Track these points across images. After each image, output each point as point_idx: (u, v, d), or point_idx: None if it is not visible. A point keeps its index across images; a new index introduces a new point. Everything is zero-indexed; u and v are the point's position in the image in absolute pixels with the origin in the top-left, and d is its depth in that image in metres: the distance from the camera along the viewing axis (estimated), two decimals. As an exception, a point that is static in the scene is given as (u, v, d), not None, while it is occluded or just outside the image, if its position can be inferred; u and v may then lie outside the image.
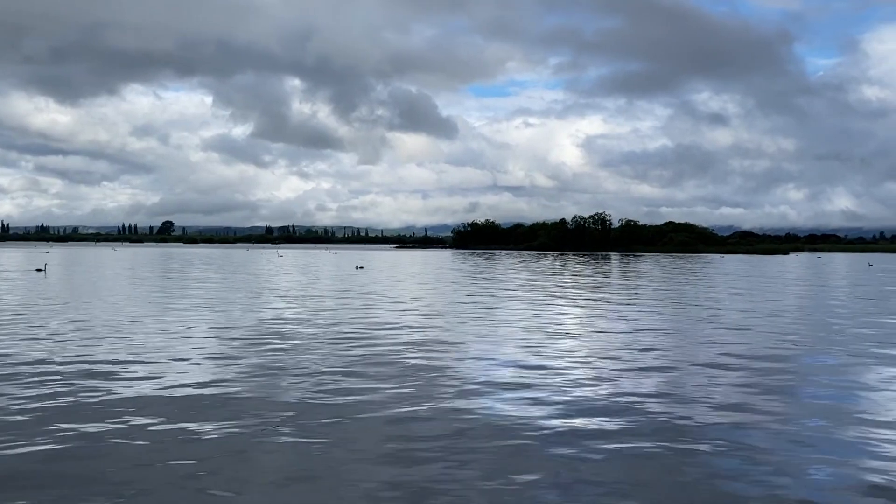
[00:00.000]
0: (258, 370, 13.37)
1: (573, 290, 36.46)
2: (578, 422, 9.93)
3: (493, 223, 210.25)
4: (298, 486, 7.44)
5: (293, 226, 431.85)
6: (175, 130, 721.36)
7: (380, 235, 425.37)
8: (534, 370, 13.66)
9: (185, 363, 14.05)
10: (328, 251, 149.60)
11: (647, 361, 14.80)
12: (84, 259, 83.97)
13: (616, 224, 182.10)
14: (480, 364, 14.39)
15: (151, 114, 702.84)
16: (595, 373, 13.51)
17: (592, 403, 11.01)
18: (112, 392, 11.38)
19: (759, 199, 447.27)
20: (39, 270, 51.62)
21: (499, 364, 14.39)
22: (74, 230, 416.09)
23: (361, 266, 66.38)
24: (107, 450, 8.50)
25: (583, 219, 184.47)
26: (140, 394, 11.30)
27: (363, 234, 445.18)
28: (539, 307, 27.03)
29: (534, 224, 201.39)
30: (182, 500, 7.04)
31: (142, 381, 12.22)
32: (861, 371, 13.98)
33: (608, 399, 11.32)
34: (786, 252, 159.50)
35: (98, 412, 10.11)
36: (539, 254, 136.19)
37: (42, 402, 10.62)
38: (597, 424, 9.80)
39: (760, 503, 7.09)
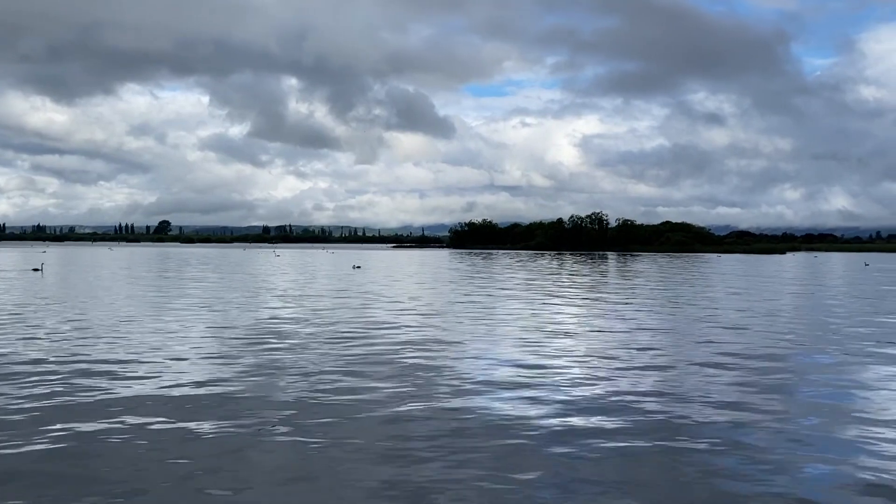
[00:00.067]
0: (256, 369, 13.37)
1: (570, 290, 36.49)
2: (576, 421, 9.94)
3: (491, 223, 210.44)
4: (296, 486, 7.44)
5: (290, 225, 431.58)
6: (172, 130, 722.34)
7: (377, 235, 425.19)
8: (531, 369, 13.67)
9: (183, 363, 14.03)
10: (325, 251, 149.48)
11: (645, 360, 14.82)
12: (81, 259, 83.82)
13: (613, 224, 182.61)
14: (478, 363, 14.39)
15: (148, 113, 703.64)
16: (592, 372, 13.53)
17: (590, 402, 11.03)
18: (109, 391, 11.37)
19: (756, 199, 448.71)
20: (36, 270, 51.53)
21: (496, 363, 14.39)
22: (71, 230, 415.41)
23: (359, 266, 66.36)
24: (104, 449, 8.50)
25: (580, 218, 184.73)
26: (137, 393, 11.29)
27: (360, 234, 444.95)
28: (536, 306, 27.05)
29: (531, 224, 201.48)
30: (180, 500, 7.04)
31: (139, 381, 12.21)
32: (858, 370, 14.01)
33: (606, 398, 11.33)
34: (782, 252, 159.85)
35: (95, 411, 10.10)
36: (536, 253, 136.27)
37: (39, 402, 10.61)
38: (594, 423, 9.81)
39: (758, 501, 7.10)
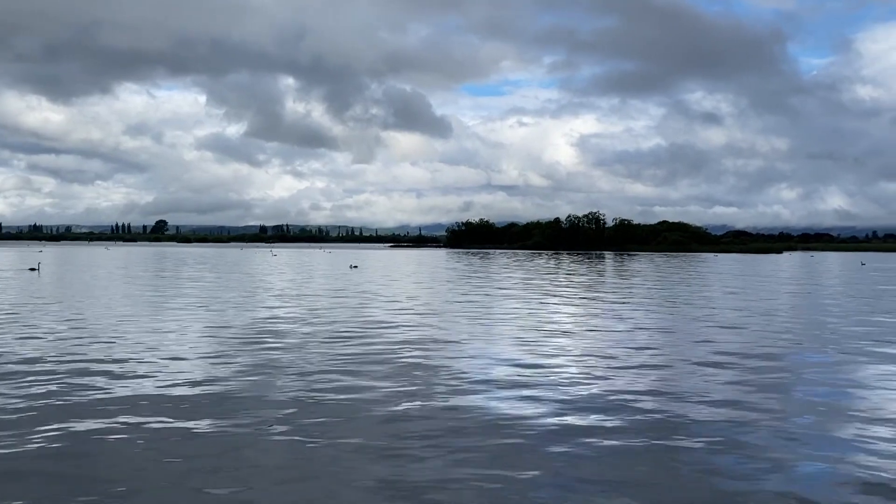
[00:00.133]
0: (253, 369, 13.36)
1: (568, 289, 36.51)
2: (573, 419, 9.95)
3: (488, 222, 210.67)
4: (294, 485, 7.44)
5: (287, 225, 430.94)
6: (169, 129, 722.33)
7: (374, 235, 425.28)
8: (529, 368, 13.68)
9: (180, 362, 14.02)
10: (322, 250, 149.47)
11: (642, 360, 14.84)
12: (77, 258, 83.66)
13: (610, 223, 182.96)
14: (476, 362, 14.40)
15: (145, 112, 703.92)
16: (590, 371, 13.54)
17: (587, 401, 11.04)
18: (107, 391, 11.35)
19: (753, 199, 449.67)
20: (33, 270, 51.41)
21: (494, 362, 14.40)
22: (67, 229, 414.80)
23: (356, 265, 66.31)
24: (102, 449, 8.49)
25: (577, 218, 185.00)
26: (135, 393, 11.27)
27: (357, 234, 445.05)
28: (534, 306, 27.06)
29: (528, 223, 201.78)
30: (178, 499, 7.04)
31: (137, 380, 12.20)
32: (854, 369, 14.06)
33: (603, 397, 11.35)
34: (779, 251, 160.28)
35: (93, 411, 10.09)
36: (533, 253, 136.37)
37: (36, 402, 10.59)
38: (592, 422, 9.83)
39: (755, 500, 7.12)
